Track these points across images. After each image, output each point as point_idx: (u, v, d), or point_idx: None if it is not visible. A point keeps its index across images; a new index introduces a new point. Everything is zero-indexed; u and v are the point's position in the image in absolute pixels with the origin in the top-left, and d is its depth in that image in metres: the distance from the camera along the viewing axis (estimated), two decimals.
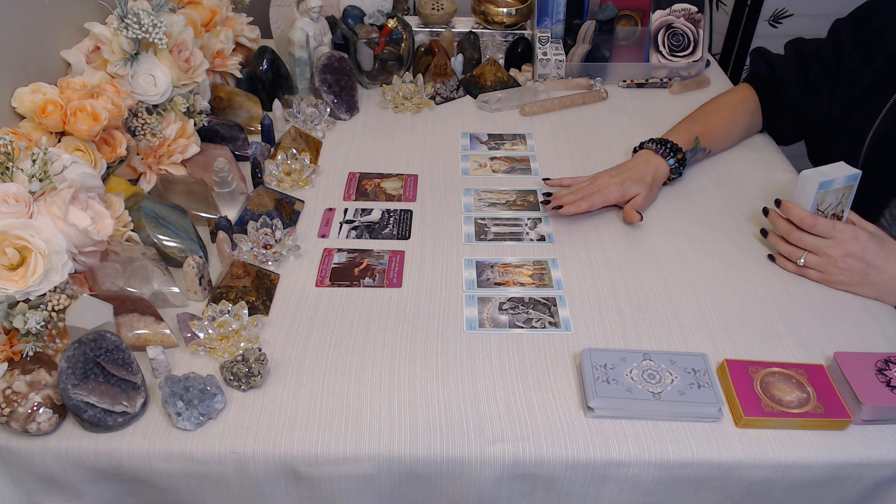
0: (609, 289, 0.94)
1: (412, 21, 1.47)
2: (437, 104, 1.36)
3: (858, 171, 0.92)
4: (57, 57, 1.00)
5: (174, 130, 1.06)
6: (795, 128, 1.22)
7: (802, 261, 0.94)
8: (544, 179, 1.11)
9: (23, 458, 0.73)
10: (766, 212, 1.00)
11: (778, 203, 0.96)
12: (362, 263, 0.98)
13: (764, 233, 1.01)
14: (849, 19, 1.14)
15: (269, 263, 0.97)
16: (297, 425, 0.75)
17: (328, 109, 1.26)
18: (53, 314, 0.76)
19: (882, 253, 0.91)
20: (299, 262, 0.98)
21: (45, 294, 0.77)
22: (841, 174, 0.91)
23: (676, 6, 1.38)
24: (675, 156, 1.09)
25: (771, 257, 0.99)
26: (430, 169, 1.18)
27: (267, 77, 1.28)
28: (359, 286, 0.94)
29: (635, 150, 1.14)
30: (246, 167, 1.15)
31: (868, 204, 1.03)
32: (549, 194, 1.06)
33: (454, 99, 1.38)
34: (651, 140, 1.12)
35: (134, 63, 1.01)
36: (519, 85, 1.40)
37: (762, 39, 2.07)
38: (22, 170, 0.79)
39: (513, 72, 1.44)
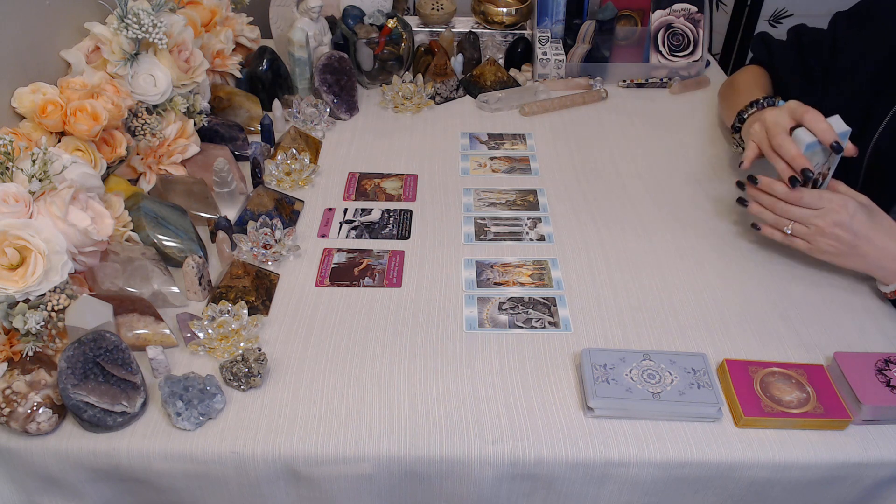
0: (609, 289, 0.94)
1: (412, 21, 1.47)
2: (437, 104, 1.36)
3: (849, 129, 0.90)
4: (57, 57, 1.00)
5: (174, 130, 1.06)
6: None
7: (789, 230, 0.92)
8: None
9: (23, 458, 0.73)
10: (740, 185, 0.96)
11: (753, 179, 0.93)
12: (362, 263, 0.98)
13: (742, 201, 0.97)
14: (847, 14, 1.14)
15: (269, 263, 0.97)
16: (297, 425, 0.75)
17: (328, 109, 1.26)
18: (53, 314, 0.76)
19: (870, 223, 0.88)
20: (299, 262, 0.98)
21: (44, 294, 0.77)
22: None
23: (676, 6, 1.38)
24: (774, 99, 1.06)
25: (755, 226, 0.96)
26: (430, 169, 1.18)
27: (267, 77, 1.28)
28: (358, 286, 0.94)
29: (737, 128, 1.09)
30: (246, 167, 1.15)
31: None
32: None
33: (454, 99, 1.38)
34: (743, 112, 1.08)
35: (134, 63, 1.01)
36: (519, 85, 1.40)
37: None
38: (22, 170, 0.79)
39: (513, 72, 1.44)
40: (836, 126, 0.90)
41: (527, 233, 1.04)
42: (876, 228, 0.89)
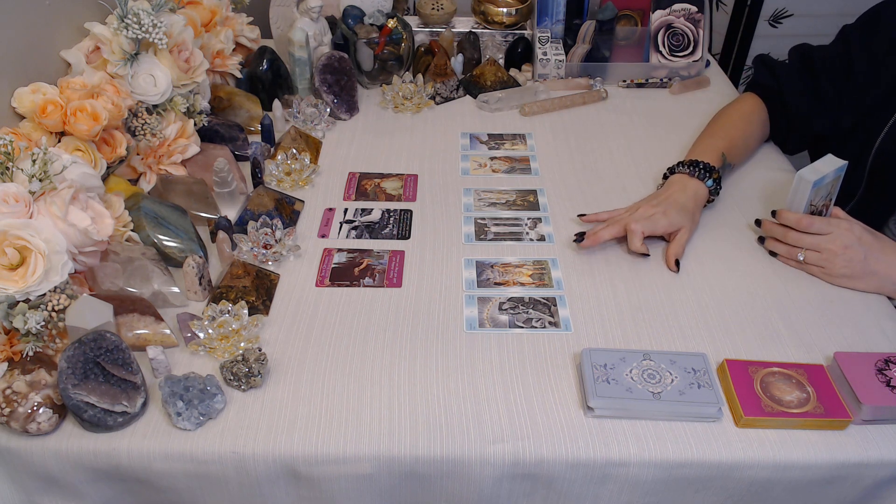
0: (609, 289, 0.94)
1: (412, 21, 1.47)
2: (437, 104, 1.36)
3: (845, 163, 0.94)
4: (57, 57, 1.00)
5: (174, 130, 1.06)
6: (802, 138, 1.19)
7: (802, 257, 0.95)
8: (579, 216, 1.04)
9: (23, 458, 0.73)
10: (758, 223, 1.02)
11: (774, 213, 0.98)
12: (362, 263, 0.98)
13: (761, 240, 1.01)
14: (857, 25, 1.11)
15: (269, 263, 0.97)
16: (297, 425, 0.75)
17: (328, 109, 1.27)
18: (53, 314, 0.76)
19: (877, 242, 0.92)
20: (299, 262, 0.98)
21: (45, 294, 0.77)
22: (830, 168, 0.93)
23: (676, 6, 1.38)
24: (712, 176, 1.04)
25: (773, 253, 0.99)
26: (430, 169, 1.18)
27: (267, 77, 1.28)
28: (359, 286, 0.94)
29: (665, 176, 1.08)
30: (246, 167, 1.15)
31: (873, 212, 1.03)
32: (581, 233, 0.99)
33: (454, 99, 1.38)
34: (681, 163, 1.06)
35: (134, 63, 1.01)
36: (519, 85, 1.40)
37: (762, 39, 2.08)
38: (22, 170, 0.79)
39: (513, 72, 1.44)
40: (831, 163, 0.94)
41: (527, 233, 1.04)
42: (882, 247, 0.92)
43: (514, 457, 0.74)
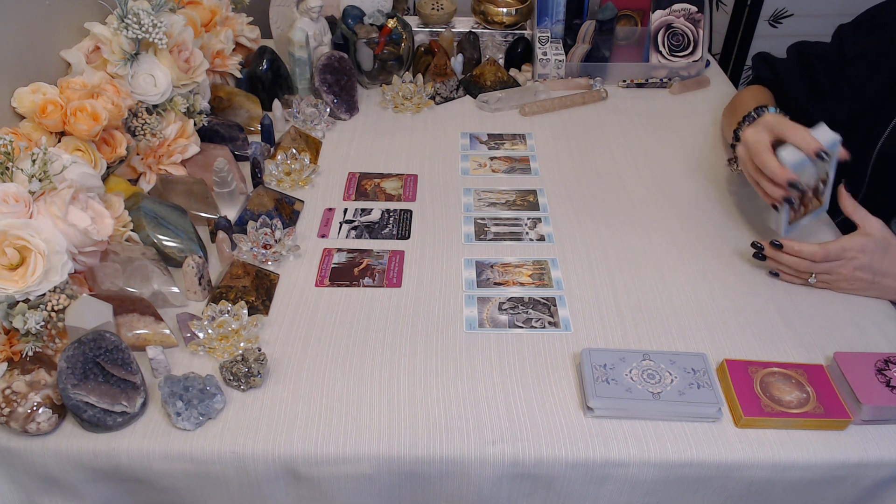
0: (609, 289, 0.94)
1: (412, 21, 1.47)
2: (437, 104, 1.36)
3: (838, 137, 0.88)
4: (57, 57, 1.00)
5: (174, 130, 1.06)
6: None
7: (813, 280, 0.93)
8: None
9: (22, 458, 0.73)
10: (755, 245, 0.95)
11: (778, 245, 0.92)
12: (362, 263, 0.98)
13: (759, 256, 0.96)
14: (852, 26, 1.12)
15: (269, 263, 0.97)
16: (297, 425, 0.75)
17: (328, 109, 1.27)
18: (53, 314, 0.76)
19: (888, 258, 0.91)
20: (299, 262, 0.98)
21: (44, 294, 0.77)
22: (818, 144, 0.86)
23: (676, 6, 1.38)
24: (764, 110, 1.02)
25: (774, 273, 0.96)
26: (430, 169, 1.18)
27: (267, 77, 1.28)
28: (358, 286, 0.94)
29: (733, 146, 1.05)
30: (246, 167, 1.15)
31: (875, 213, 1.03)
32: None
33: (454, 99, 1.38)
34: (736, 131, 1.05)
35: (134, 63, 1.01)
36: (519, 85, 1.40)
37: (762, 39, 2.08)
38: (22, 170, 0.79)
39: (513, 72, 1.44)
40: (824, 135, 0.88)
41: (527, 233, 1.04)
42: (892, 262, 0.91)
43: (513, 457, 0.74)
